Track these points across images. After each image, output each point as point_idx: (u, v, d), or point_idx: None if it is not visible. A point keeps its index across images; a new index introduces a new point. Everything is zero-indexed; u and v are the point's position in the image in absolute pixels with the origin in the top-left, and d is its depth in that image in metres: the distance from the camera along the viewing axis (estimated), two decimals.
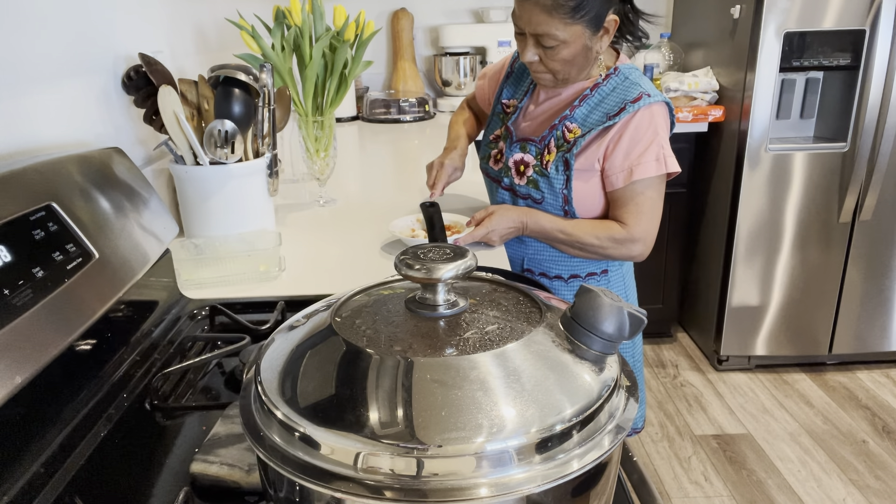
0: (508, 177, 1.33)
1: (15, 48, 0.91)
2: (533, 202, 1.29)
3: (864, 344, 2.59)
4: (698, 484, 2.07)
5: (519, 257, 1.37)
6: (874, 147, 2.30)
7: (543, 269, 1.35)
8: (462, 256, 0.50)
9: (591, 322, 0.48)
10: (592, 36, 1.17)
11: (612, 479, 0.49)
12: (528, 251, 1.35)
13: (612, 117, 1.20)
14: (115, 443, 0.71)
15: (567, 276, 1.35)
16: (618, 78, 1.24)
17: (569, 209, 1.26)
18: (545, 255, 1.34)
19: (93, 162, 0.88)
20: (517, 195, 1.32)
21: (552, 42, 1.15)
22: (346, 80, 1.52)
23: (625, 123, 1.19)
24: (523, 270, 1.37)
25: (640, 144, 1.19)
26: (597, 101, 1.23)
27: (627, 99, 1.20)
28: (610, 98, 1.23)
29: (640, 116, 1.19)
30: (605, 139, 1.21)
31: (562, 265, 1.34)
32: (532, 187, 1.28)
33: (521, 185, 1.30)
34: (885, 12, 2.15)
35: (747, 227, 2.44)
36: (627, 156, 1.19)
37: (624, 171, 1.20)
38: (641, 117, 1.19)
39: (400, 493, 0.40)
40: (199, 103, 1.25)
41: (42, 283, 0.66)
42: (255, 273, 1.14)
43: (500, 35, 2.92)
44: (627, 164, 1.19)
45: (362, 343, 0.47)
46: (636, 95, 1.20)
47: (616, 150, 1.20)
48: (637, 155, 1.19)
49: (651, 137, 1.19)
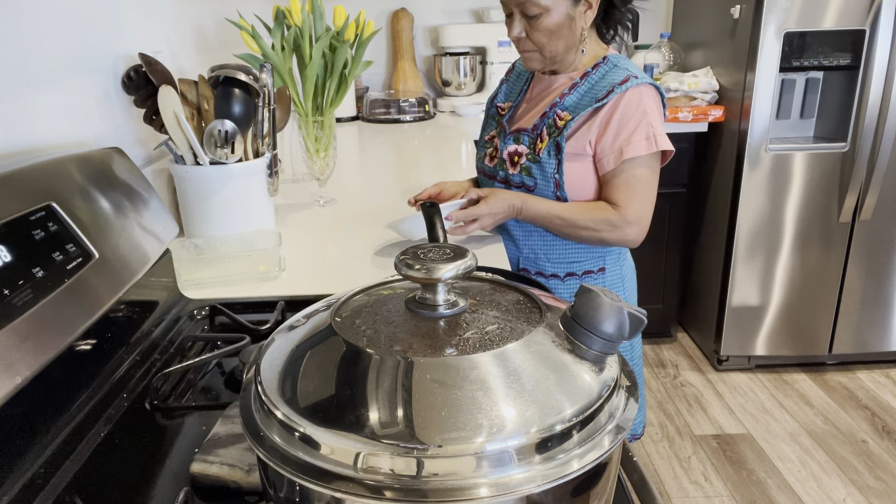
0: (503, 169, 1.34)
1: (15, 48, 0.91)
2: (525, 190, 1.29)
3: (864, 344, 2.59)
4: (698, 484, 2.07)
5: (514, 257, 1.37)
6: (874, 147, 2.30)
7: (539, 269, 1.35)
8: (462, 256, 0.50)
9: (591, 322, 0.48)
10: (574, 5, 1.20)
11: (612, 479, 0.49)
12: (523, 251, 1.35)
13: (600, 100, 1.21)
14: (115, 443, 0.71)
15: (563, 274, 1.34)
16: (606, 66, 1.27)
17: (561, 195, 1.26)
18: (540, 254, 1.34)
19: (93, 162, 0.88)
20: (511, 185, 1.33)
21: (535, 10, 1.18)
22: (346, 80, 1.52)
23: (613, 105, 1.20)
24: (519, 271, 1.38)
25: (629, 124, 1.20)
26: (586, 89, 1.26)
27: (615, 82, 1.22)
28: (599, 84, 1.25)
29: (628, 97, 1.20)
30: (594, 121, 1.22)
31: (557, 264, 1.34)
32: (525, 174, 1.29)
33: (514, 175, 1.31)
34: (885, 12, 2.15)
35: (747, 227, 2.44)
36: (617, 137, 1.21)
37: (614, 151, 1.21)
38: (630, 98, 1.20)
39: (400, 493, 0.40)
40: (199, 103, 1.25)
41: (42, 283, 0.66)
42: (255, 273, 1.14)
43: (500, 35, 2.92)
44: (617, 144, 1.21)
45: (362, 343, 0.47)
46: (623, 78, 1.22)
47: (606, 132, 1.21)
48: (627, 135, 1.20)
49: (640, 117, 1.20)
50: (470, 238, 1.36)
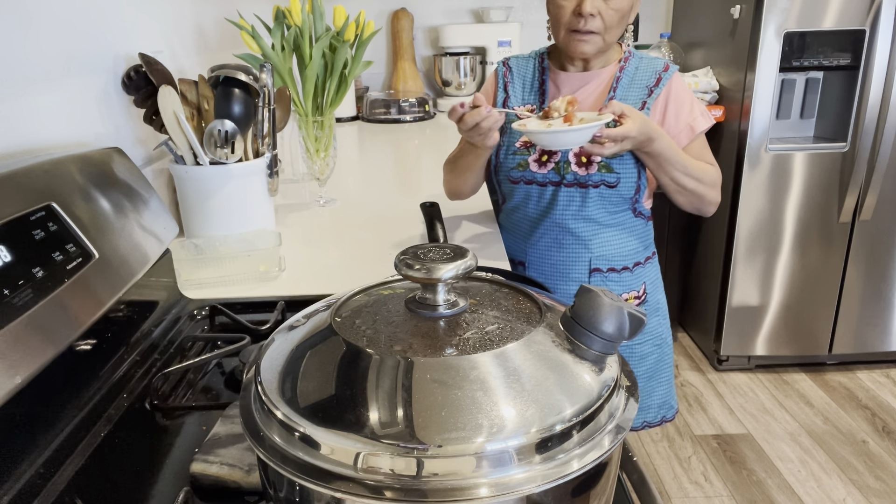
0: (569, 172, 1.26)
1: (15, 48, 0.91)
2: (606, 186, 1.26)
3: (864, 344, 2.59)
4: (698, 484, 2.07)
5: (584, 259, 1.33)
6: (874, 147, 2.30)
7: (611, 265, 1.33)
8: (462, 256, 0.50)
9: (591, 322, 0.48)
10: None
11: (612, 479, 0.49)
12: (594, 251, 1.31)
13: (652, 88, 1.27)
14: (115, 443, 0.71)
15: (632, 264, 1.34)
16: (634, 59, 1.30)
17: (641, 184, 1.27)
18: (612, 250, 1.32)
19: (93, 162, 0.88)
20: (586, 185, 1.26)
21: None
22: (346, 80, 1.52)
23: (667, 90, 1.27)
24: (591, 272, 1.33)
25: (685, 104, 1.28)
26: (629, 80, 1.29)
27: (658, 69, 1.28)
28: (639, 74, 1.28)
29: (675, 81, 1.28)
30: (654, 108, 1.28)
31: (626, 258, 1.33)
32: (605, 171, 1.25)
33: (592, 174, 1.25)
34: (885, 12, 2.15)
35: (747, 227, 2.44)
36: (678, 116, 1.27)
37: (684, 129, 1.28)
38: (678, 82, 1.29)
39: (400, 493, 0.40)
40: (199, 103, 1.25)
41: (42, 283, 0.66)
42: (255, 273, 1.14)
43: (500, 35, 2.92)
44: (683, 122, 1.28)
45: (362, 343, 0.47)
46: (663, 65, 1.29)
47: (666, 115, 1.28)
48: (687, 112, 1.28)
49: (691, 97, 1.29)
50: (470, 238, 1.36)
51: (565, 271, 1.32)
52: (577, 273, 1.33)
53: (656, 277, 1.41)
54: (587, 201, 1.27)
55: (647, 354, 1.38)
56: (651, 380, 1.40)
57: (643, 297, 1.37)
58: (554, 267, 1.33)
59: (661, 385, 1.42)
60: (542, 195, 1.30)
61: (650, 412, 1.43)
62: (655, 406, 1.43)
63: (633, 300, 1.36)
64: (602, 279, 1.32)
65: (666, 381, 1.43)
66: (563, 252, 1.32)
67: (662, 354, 1.40)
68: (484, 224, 1.44)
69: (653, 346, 1.38)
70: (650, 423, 1.44)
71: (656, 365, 1.40)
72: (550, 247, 1.32)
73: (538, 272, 1.35)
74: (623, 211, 1.30)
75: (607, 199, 1.27)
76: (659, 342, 1.39)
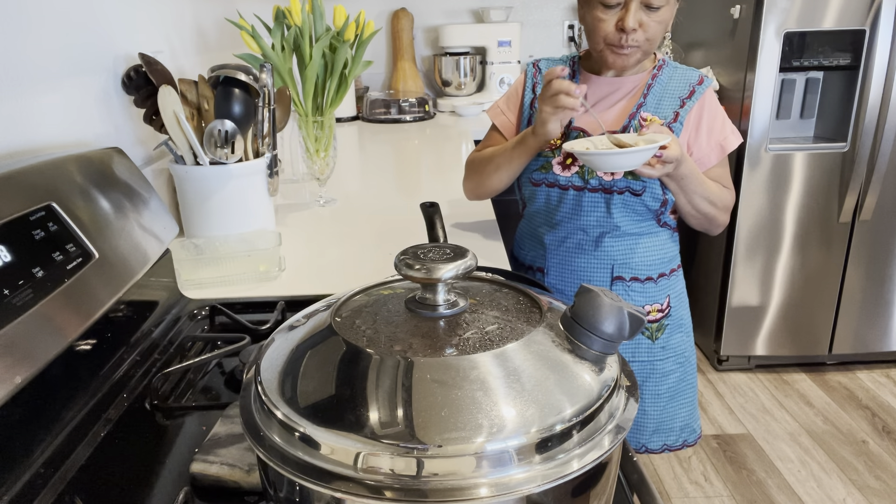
0: (594, 177, 1.24)
1: (15, 48, 0.91)
2: (631, 194, 1.24)
3: (864, 344, 2.59)
4: (698, 484, 2.07)
5: (607, 265, 1.31)
6: (874, 147, 2.30)
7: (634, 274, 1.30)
8: (462, 256, 0.50)
9: (591, 322, 0.48)
10: (676, 4, 1.21)
11: (612, 479, 0.49)
12: (618, 258, 1.29)
13: (685, 100, 1.25)
14: (115, 443, 0.71)
15: (656, 275, 1.31)
16: (668, 68, 1.28)
17: (669, 199, 1.25)
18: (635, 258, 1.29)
19: (93, 162, 0.88)
20: (611, 191, 1.24)
21: (660, 1, 1.15)
22: (346, 80, 1.52)
23: (700, 104, 1.25)
24: (613, 279, 1.31)
25: (717, 120, 1.26)
26: (661, 89, 1.26)
27: (692, 81, 1.26)
28: (672, 83, 1.26)
29: (709, 96, 1.26)
30: (686, 121, 1.25)
31: (650, 267, 1.30)
32: (631, 178, 1.23)
33: (618, 179, 1.23)
34: (885, 12, 2.15)
35: (747, 227, 2.44)
36: (711, 133, 1.25)
37: (715, 147, 1.26)
38: (711, 97, 1.27)
39: (400, 493, 0.40)
40: (199, 103, 1.25)
41: (42, 283, 0.66)
42: (255, 273, 1.14)
43: (500, 35, 2.93)
44: (714, 140, 1.26)
45: (362, 343, 0.47)
46: (698, 78, 1.26)
47: (699, 131, 1.25)
48: (719, 130, 1.26)
49: (723, 114, 1.27)
50: (470, 238, 1.36)
51: (586, 278, 1.29)
52: (599, 280, 1.29)
53: (681, 291, 1.37)
54: (611, 208, 1.24)
55: (668, 372, 1.33)
56: (673, 400, 1.35)
57: (667, 311, 1.33)
58: (574, 273, 1.30)
59: (683, 407, 1.37)
60: (562, 199, 1.27)
61: (671, 435, 1.37)
62: (677, 429, 1.37)
63: (657, 313, 1.31)
64: (624, 288, 1.29)
65: (689, 403, 1.38)
66: (584, 257, 1.28)
67: (685, 374, 1.36)
68: (484, 224, 1.44)
69: (675, 364, 1.33)
70: (670, 447, 1.38)
71: (678, 385, 1.35)
72: (571, 252, 1.29)
73: (558, 278, 1.31)
74: (647, 220, 1.27)
75: (631, 206, 1.24)
76: (682, 360, 1.35)
